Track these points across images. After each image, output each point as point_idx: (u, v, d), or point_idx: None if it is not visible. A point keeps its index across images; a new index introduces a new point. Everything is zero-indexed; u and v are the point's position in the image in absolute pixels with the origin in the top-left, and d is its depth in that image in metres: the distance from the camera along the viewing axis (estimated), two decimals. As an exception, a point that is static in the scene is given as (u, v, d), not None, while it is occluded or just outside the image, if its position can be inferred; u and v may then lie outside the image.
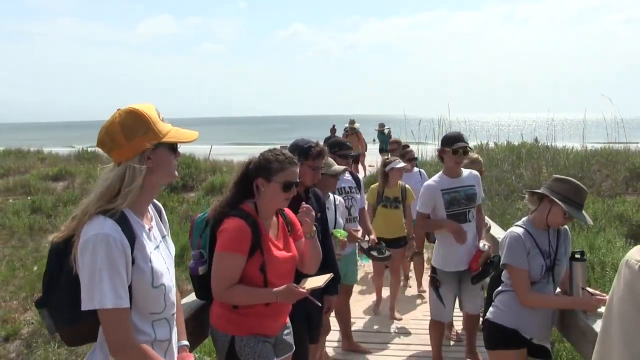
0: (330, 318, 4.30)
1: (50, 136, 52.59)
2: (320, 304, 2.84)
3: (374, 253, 4.74)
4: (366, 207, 5.27)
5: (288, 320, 2.85)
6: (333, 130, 17.45)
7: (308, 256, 2.82)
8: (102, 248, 1.68)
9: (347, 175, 4.81)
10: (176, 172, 1.93)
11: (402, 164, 5.67)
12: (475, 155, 5.02)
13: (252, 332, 2.59)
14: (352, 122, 14.92)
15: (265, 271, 2.53)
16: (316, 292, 3.40)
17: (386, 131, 16.71)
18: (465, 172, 4.31)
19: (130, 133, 1.79)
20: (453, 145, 4.13)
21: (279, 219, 2.75)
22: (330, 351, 4.80)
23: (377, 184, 5.84)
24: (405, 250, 5.79)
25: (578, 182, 2.97)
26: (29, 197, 11.09)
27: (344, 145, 4.81)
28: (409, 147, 7.38)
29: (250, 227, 2.51)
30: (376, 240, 4.79)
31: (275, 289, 2.53)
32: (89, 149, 15.29)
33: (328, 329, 4.44)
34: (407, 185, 5.84)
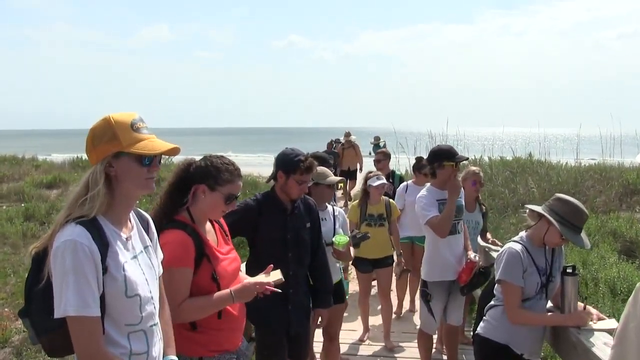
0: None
1: (46, 143, 52.41)
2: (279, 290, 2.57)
3: (354, 234, 4.62)
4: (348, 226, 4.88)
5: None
6: (330, 145, 16.51)
7: None
8: (69, 254, 1.67)
9: None
10: (152, 185, 1.87)
11: (380, 182, 5.18)
12: (477, 169, 5.01)
13: (219, 349, 2.49)
14: (348, 134, 14.12)
15: (217, 279, 2.43)
16: (305, 305, 3.36)
17: (382, 144, 16.27)
18: None
19: (97, 139, 1.80)
20: (454, 158, 4.15)
21: (213, 224, 2.62)
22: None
23: (357, 201, 5.43)
24: (392, 269, 5.48)
25: (579, 205, 2.93)
26: (22, 204, 11.03)
27: (325, 161, 4.68)
28: (423, 159, 6.28)
29: (190, 236, 2.38)
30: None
31: (230, 289, 2.44)
32: (84, 157, 15.25)
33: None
34: (390, 200, 5.46)
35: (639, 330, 1.20)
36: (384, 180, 5.28)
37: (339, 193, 12.87)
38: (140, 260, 1.92)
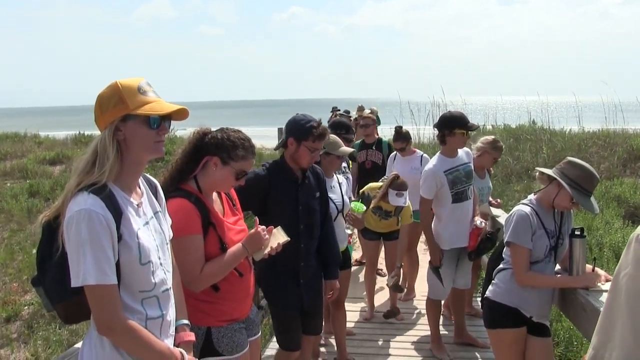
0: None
1: (47, 121, 52.27)
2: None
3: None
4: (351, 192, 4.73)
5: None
6: (335, 115, 14.99)
7: None
8: (84, 224, 1.66)
9: None
10: (161, 148, 1.86)
11: (397, 202, 4.64)
12: (502, 145, 4.90)
13: (227, 319, 2.49)
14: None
15: (226, 249, 2.41)
16: (317, 278, 3.34)
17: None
18: (460, 150, 4.30)
19: (104, 105, 1.79)
20: (466, 126, 4.12)
21: (220, 194, 2.59)
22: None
23: (379, 185, 4.89)
24: (399, 241, 5.04)
25: (591, 169, 2.90)
26: (26, 181, 11.07)
27: (350, 130, 4.65)
28: (400, 129, 5.77)
29: (194, 205, 2.35)
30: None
31: (241, 241, 2.43)
32: (86, 133, 15.21)
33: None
34: (405, 207, 4.82)
35: (629, 278, 1.21)
36: (404, 203, 4.72)
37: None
38: (152, 226, 1.91)
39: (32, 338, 6.00)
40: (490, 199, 5.22)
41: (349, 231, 4.25)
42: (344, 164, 4.69)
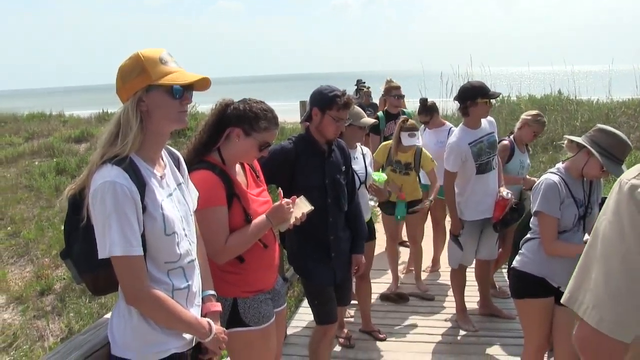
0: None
1: (72, 100, 52.91)
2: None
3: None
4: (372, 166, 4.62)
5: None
6: (360, 87, 13.31)
7: None
8: (109, 196, 1.67)
9: None
10: (185, 118, 1.85)
11: (411, 143, 4.70)
12: (538, 113, 4.76)
13: (253, 290, 2.50)
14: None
15: (251, 220, 2.41)
16: (346, 251, 3.34)
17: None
18: (483, 120, 4.23)
19: (126, 76, 1.78)
20: (487, 95, 4.05)
21: (243, 165, 2.58)
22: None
23: (388, 142, 5.06)
24: (420, 215, 5.14)
25: (622, 136, 2.81)
26: (53, 159, 11.27)
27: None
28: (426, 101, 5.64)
29: (218, 176, 2.35)
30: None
31: (266, 213, 2.44)
32: (109, 111, 15.37)
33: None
34: (423, 150, 4.93)
35: (607, 224, 1.21)
36: (418, 142, 4.80)
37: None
38: (175, 198, 1.92)
39: (65, 310, 6.18)
40: (528, 176, 5.14)
41: (372, 202, 4.24)
42: None
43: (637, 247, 1.14)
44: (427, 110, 5.50)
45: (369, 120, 3.86)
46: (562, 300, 1.33)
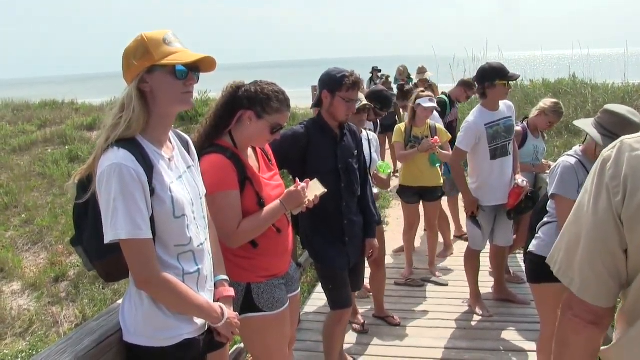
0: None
1: (84, 87, 53.18)
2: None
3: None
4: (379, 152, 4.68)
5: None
6: (375, 75, 13.50)
7: None
8: (115, 178, 1.63)
9: None
10: (189, 99, 1.81)
11: (431, 104, 4.90)
12: (557, 102, 4.72)
13: (267, 275, 2.48)
14: (422, 70, 9.28)
15: (264, 205, 2.38)
16: (359, 236, 3.32)
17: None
18: (501, 104, 4.16)
19: (130, 57, 1.75)
20: (506, 77, 3.99)
21: (255, 149, 2.55)
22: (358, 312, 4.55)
23: (403, 123, 5.18)
24: (439, 202, 5.23)
25: (627, 115, 2.69)
26: (66, 147, 11.34)
27: (387, 106, 4.51)
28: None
29: (230, 160, 2.31)
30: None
31: (280, 198, 2.41)
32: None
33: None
34: (437, 125, 5.13)
35: (582, 191, 1.31)
36: (435, 104, 4.98)
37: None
38: (185, 180, 1.89)
39: (78, 297, 6.24)
40: (544, 161, 5.07)
41: (375, 190, 4.20)
42: (370, 128, 4.62)
43: (592, 209, 1.24)
44: (405, 95, 5.54)
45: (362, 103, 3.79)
46: (546, 260, 1.44)
